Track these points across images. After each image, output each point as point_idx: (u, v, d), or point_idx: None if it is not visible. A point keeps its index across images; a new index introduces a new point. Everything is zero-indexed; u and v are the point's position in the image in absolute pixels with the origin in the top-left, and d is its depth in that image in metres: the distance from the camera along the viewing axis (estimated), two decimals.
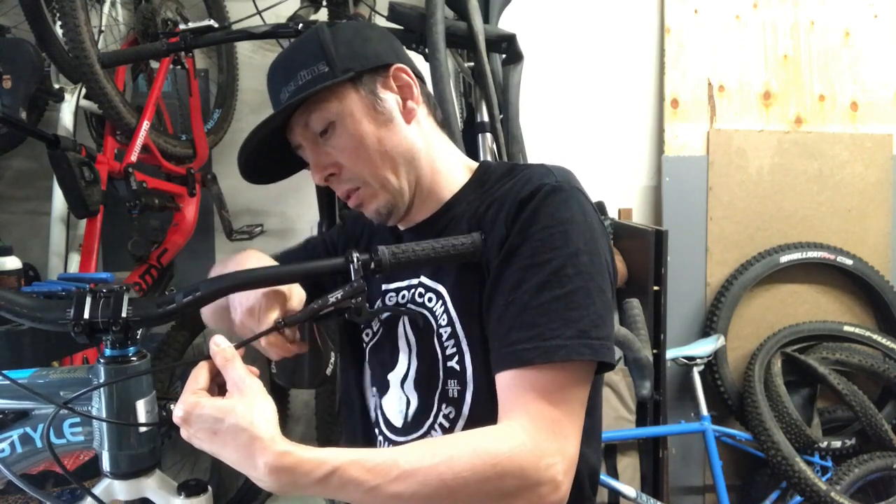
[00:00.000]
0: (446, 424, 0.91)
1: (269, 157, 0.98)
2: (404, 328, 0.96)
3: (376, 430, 1.02)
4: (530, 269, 0.81)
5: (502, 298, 0.82)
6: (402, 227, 1.02)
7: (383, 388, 0.99)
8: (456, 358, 0.90)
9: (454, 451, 0.72)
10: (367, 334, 1.04)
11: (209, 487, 0.78)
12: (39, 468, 0.91)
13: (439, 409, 0.91)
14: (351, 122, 0.90)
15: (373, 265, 0.79)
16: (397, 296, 0.99)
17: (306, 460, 0.67)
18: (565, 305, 0.78)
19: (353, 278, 0.77)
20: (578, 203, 0.84)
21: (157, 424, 0.79)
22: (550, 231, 0.81)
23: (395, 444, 0.98)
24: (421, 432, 0.94)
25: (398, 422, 0.97)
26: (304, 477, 0.67)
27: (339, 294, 0.77)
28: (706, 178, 2.78)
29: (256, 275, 0.79)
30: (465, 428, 0.90)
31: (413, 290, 0.95)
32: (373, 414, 1.04)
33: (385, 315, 1.00)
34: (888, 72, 2.87)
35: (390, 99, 0.93)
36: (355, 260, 0.78)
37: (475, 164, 1.02)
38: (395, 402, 0.97)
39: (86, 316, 0.73)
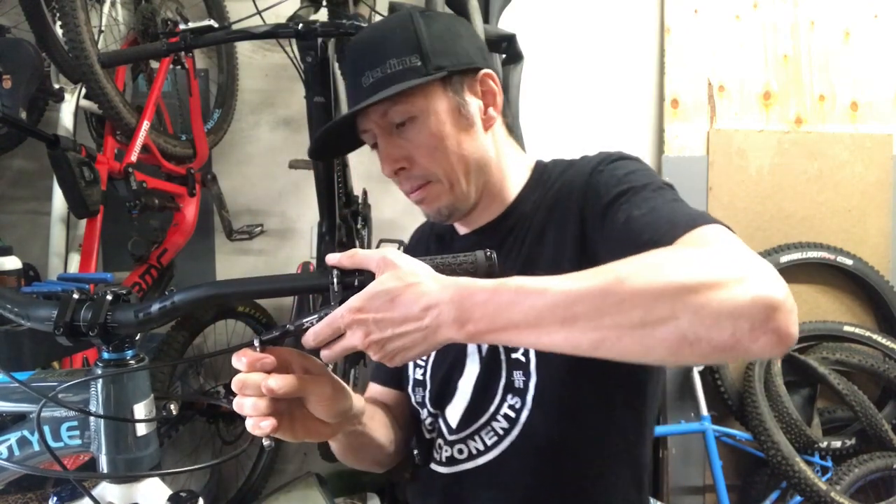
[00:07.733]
0: (512, 414, 0.91)
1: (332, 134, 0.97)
2: None
3: (437, 440, 1.01)
4: (622, 196, 0.83)
5: (614, 230, 0.82)
6: (464, 231, 1.02)
7: (449, 395, 0.98)
8: (521, 349, 0.90)
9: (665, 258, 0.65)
10: (420, 366, 1.03)
11: (200, 499, 0.78)
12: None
13: (503, 400, 0.91)
14: (434, 120, 0.90)
15: (357, 283, 0.71)
16: None
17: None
18: (671, 208, 0.80)
19: (332, 300, 0.71)
20: (640, 162, 0.91)
21: (152, 419, 0.79)
22: (619, 174, 0.87)
23: (454, 443, 0.97)
24: (483, 421, 0.93)
25: (455, 421, 0.96)
26: (484, 292, 0.65)
27: (314, 319, 0.71)
28: (706, 178, 2.78)
29: (234, 288, 0.74)
30: (530, 417, 0.89)
31: None
32: (428, 429, 1.02)
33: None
34: (888, 72, 2.86)
35: (474, 104, 0.94)
36: (335, 281, 0.71)
37: (533, 163, 1.03)
38: (460, 403, 0.96)
39: (67, 318, 0.73)
